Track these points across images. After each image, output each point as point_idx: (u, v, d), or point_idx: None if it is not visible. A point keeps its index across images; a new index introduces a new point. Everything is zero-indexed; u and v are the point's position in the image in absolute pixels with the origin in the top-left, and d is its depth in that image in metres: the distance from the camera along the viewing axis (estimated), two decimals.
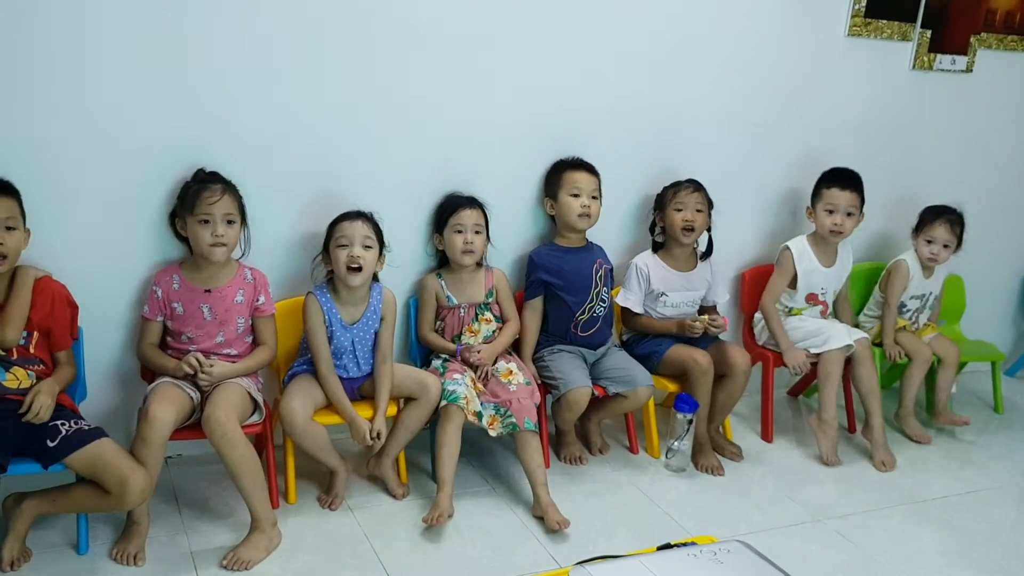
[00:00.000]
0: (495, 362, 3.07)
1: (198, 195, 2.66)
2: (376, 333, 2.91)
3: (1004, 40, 3.97)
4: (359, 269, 2.77)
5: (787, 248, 3.55)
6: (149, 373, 2.78)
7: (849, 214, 3.48)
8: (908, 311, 3.72)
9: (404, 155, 3.08)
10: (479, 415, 2.90)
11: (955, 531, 2.96)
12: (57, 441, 2.34)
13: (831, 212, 3.48)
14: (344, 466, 2.88)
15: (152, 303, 2.74)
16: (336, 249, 2.79)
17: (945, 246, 3.62)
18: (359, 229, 2.79)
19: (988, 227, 4.13)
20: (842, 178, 3.50)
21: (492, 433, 2.91)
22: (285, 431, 2.77)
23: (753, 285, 3.71)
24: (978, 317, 4.16)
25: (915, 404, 3.66)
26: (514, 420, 2.89)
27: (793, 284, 3.55)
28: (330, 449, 2.82)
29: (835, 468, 3.33)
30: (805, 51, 3.62)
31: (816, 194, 3.55)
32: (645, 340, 3.38)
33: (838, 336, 3.40)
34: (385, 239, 2.89)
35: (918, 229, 3.68)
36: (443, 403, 2.86)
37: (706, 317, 3.26)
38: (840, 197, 3.47)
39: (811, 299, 3.56)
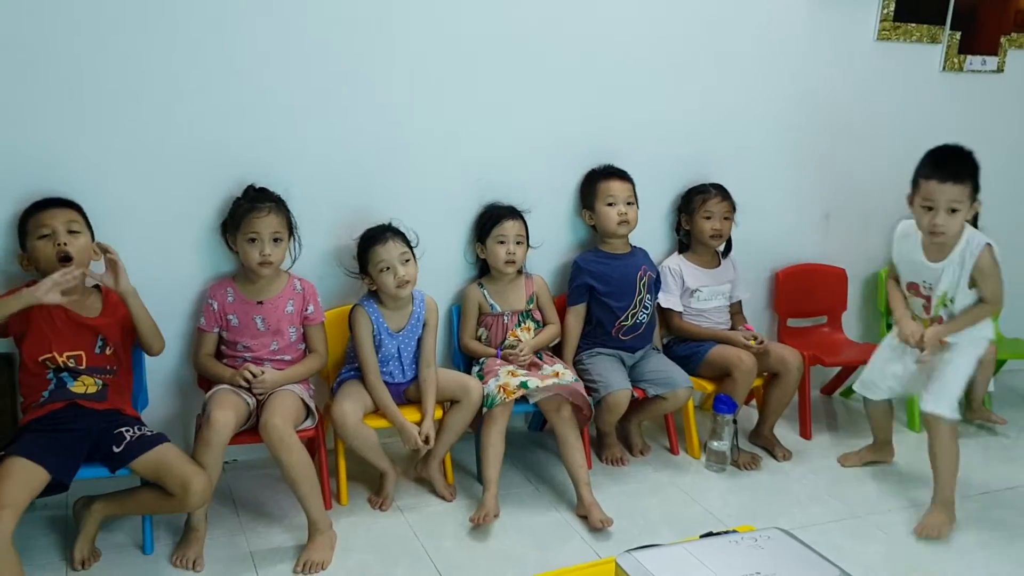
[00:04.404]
0: (540, 360, 3.16)
1: (246, 214, 2.77)
2: (419, 339, 3.01)
3: None
4: (408, 283, 2.89)
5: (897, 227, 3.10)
6: (206, 382, 2.90)
7: (953, 211, 2.81)
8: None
9: (444, 166, 3.18)
10: (524, 384, 2.94)
11: (996, 525, 2.98)
12: (122, 447, 2.47)
13: (929, 209, 2.84)
14: (393, 468, 2.98)
15: (208, 315, 2.86)
16: (380, 274, 2.88)
17: None
18: (394, 250, 2.88)
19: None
20: (944, 167, 2.82)
21: (543, 384, 2.93)
22: (337, 433, 2.87)
23: (787, 285, 3.77)
24: (1016, 315, 4.15)
25: None
26: (571, 377, 3.01)
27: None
28: (379, 451, 2.92)
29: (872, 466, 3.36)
30: (835, 57, 3.68)
31: (913, 184, 2.92)
32: (686, 341, 3.46)
33: (885, 385, 3.14)
34: (413, 242, 2.97)
35: None
36: (484, 409, 2.95)
37: (754, 337, 3.35)
38: (939, 191, 2.80)
39: (912, 288, 3.05)
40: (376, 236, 2.92)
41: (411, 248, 2.95)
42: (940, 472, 2.93)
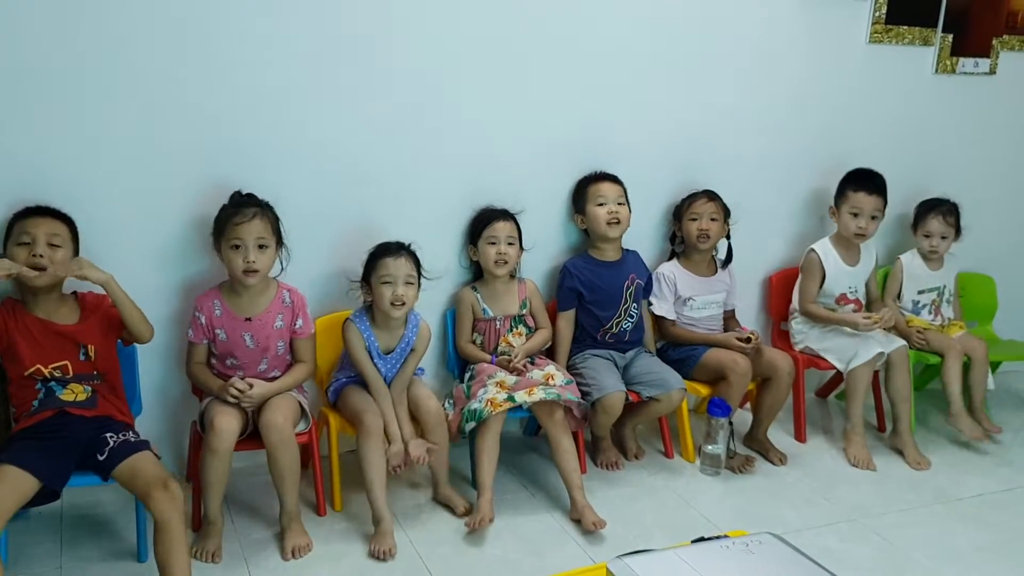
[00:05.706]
0: (533, 365, 3.16)
1: (229, 220, 2.70)
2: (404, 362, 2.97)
3: None
4: (403, 305, 2.85)
5: (812, 251, 3.60)
6: (199, 389, 2.88)
7: (873, 217, 3.53)
8: (923, 306, 3.75)
9: (437, 171, 3.18)
10: (511, 398, 2.93)
11: (991, 528, 2.98)
12: (105, 454, 2.44)
13: (856, 215, 3.53)
14: (390, 516, 2.79)
15: (196, 328, 2.78)
16: (380, 285, 2.83)
17: (942, 237, 3.67)
18: (403, 267, 2.83)
19: (1018, 226, 4.15)
20: (868, 182, 3.54)
21: (531, 399, 2.92)
22: (363, 444, 2.77)
23: (780, 288, 3.77)
24: (1012, 316, 4.16)
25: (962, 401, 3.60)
26: (557, 391, 2.96)
27: (820, 286, 3.59)
28: (384, 483, 2.80)
29: (869, 470, 3.36)
30: (827, 60, 3.68)
31: (841, 195, 3.59)
32: (680, 345, 3.46)
33: (866, 349, 3.41)
34: (425, 273, 2.94)
35: (916, 225, 3.75)
36: (472, 424, 2.92)
37: (751, 336, 3.35)
38: (866, 201, 3.51)
39: (841, 300, 3.61)
40: (390, 248, 2.88)
41: (419, 275, 2.90)
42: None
